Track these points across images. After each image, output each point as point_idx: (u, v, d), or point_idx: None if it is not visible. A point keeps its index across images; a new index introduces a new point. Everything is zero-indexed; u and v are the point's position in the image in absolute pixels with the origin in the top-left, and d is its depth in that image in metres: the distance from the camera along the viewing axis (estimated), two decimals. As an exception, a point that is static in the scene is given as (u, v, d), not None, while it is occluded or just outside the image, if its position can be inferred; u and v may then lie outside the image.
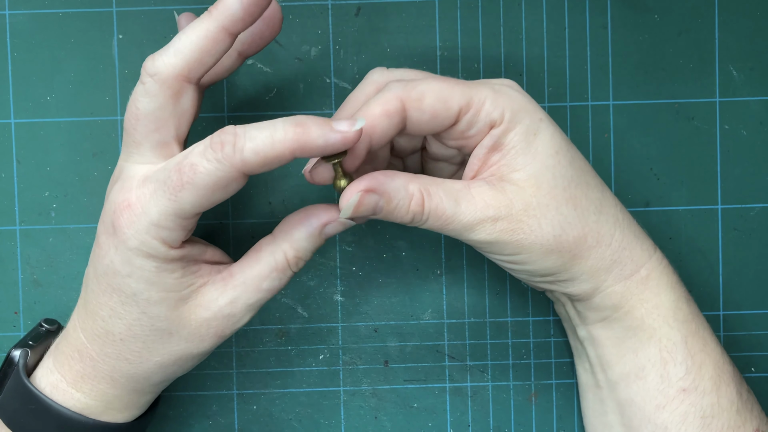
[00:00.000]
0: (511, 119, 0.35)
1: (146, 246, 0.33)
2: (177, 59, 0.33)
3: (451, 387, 0.44)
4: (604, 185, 0.37)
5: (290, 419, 0.44)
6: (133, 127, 0.34)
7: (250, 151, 0.32)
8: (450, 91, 0.34)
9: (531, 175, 0.35)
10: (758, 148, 0.44)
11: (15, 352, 0.37)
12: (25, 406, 0.36)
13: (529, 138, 0.35)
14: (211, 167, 0.32)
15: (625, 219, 0.37)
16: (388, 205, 0.34)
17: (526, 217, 0.35)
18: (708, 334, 0.37)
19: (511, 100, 0.35)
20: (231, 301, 0.35)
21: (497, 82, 0.36)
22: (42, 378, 0.37)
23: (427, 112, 0.34)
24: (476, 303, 0.44)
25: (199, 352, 0.36)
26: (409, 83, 0.35)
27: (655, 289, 0.37)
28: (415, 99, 0.34)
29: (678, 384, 0.36)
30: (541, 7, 0.43)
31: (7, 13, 0.42)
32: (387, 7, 0.43)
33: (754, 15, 0.43)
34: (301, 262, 0.36)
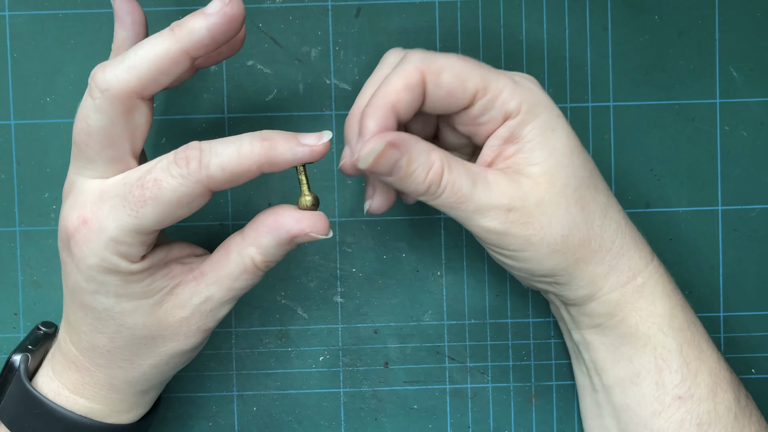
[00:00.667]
0: (529, 111, 0.34)
1: (106, 262, 0.32)
2: (130, 75, 0.31)
3: (451, 388, 0.44)
4: (609, 190, 0.37)
5: (290, 421, 0.44)
6: (84, 143, 0.32)
7: (216, 167, 0.31)
8: (469, 71, 0.34)
9: (547, 171, 0.34)
10: (758, 149, 0.44)
11: (15, 357, 0.37)
12: (29, 410, 0.36)
13: (547, 133, 0.35)
14: (176, 183, 0.31)
15: (627, 225, 0.37)
16: (408, 167, 0.33)
17: (538, 213, 0.34)
18: (705, 341, 0.37)
19: (531, 92, 0.35)
20: (205, 299, 0.35)
21: (518, 74, 0.36)
22: (44, 384, 0.37)
23: (444, 88, 0.34)
24: (476, 304, 0.44)
25: (189, 348, 0.36)
26: (429, 55, 0.34)
27: (650, 297, 0.37)
28: (434, 72, 0.34)
29: (673, 392, 0.36)
30: (541, 7, 0.43)
31: (6, 14, 0.42)
32: (387, 8, 0.43)
33: (754, 15, 0.43)
34: (270, 264, 0.35)
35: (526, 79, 0.35)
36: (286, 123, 0.43)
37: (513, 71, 0.36)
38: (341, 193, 0.43)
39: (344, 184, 0.43)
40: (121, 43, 0.36)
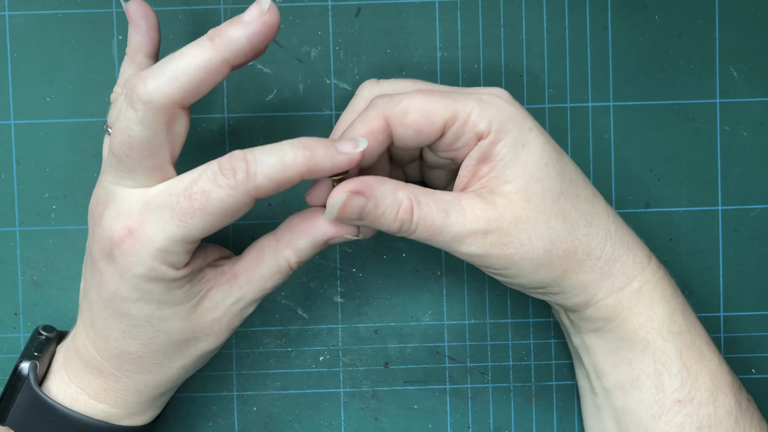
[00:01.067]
0: (499, 130, 0.34)
1: (153, 272, 0.33)
2: (173, 87, 0.32)
3: (451, 388, 0.44)
4: (595, 196, 0.37)
5: (290, 420, 0.44)
6: (125, 154, 0.32)
7: (262, 177, 0.31)
8: (434, 105, 0.34)
9: (520, 188, 0.34)
10: (758, 149, 0.44)
11: (23, 365, 0.37)
12: (43, 418, 0.36)
13: (518, 149, 0.34)
14: (224, 194, 0.31)
15: (618, 230, 0.36)
16: (376, 210, 0.34)
17: (516, 231, 0.34)
18: (705, 345, 0.37)
19: (499, 110, 0.34)
20: (237, 299, 0.36)
21: (486, 91, 0.36)
22: (59, 391, 0.37)
23: (411, 127, 0.34)
24: (476, 304, 0.44)
25: (216, 347, 0.37)
26: (393, 99, 0.34)
27: (648, 302, 0.36)
28: (399, 115, 0.34)
29: (673, 395, 0.36)
30: (541, 7, 0.43)
31: (6, 14, 0.42)
32: (387, 8, 0.43)
33: (754, 15, 0.43)
34: (302, 263, 0.36)
35: (494, 96, 0.35)
36: (286, 123, 0.43)
37: (480, 87, 0.36)
38: (341, 193, 0.43)
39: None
40: (137, 48, 0.37)
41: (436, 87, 0.36)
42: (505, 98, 0.35)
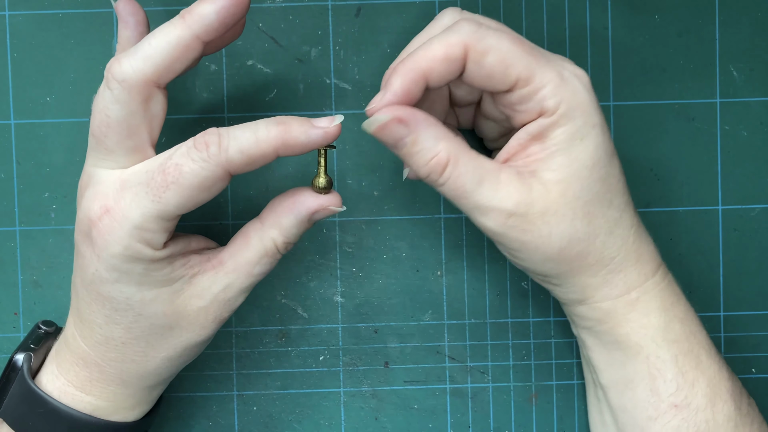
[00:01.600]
0: (564, 114, 0.33)
1: (130, 250, 0.33)
2: (146, 65, 0.32)
3: (451, 388, 0.44)
4: (628, 204, 0.36)
5: (290, 420, 0.44)
6: (103, 134, 0.33)
7: (235, 150, 0.32)
8: (516, 58, 0.33)
9: (561, 180, 0.34)
10: (759, 149, 0.44)
11: (18, 356, 0.37)
12: (33, 410, 0.36)
13: (575, 141, 0.34)
14: (197, 167, 0.32)
15: (636, 241, 0.36)
16: (412, 147, 0.33)
17: (540, 222, 0.34)
18: (704, 352, 0.37)
19: (573, 93, 0.33)
20: (225, 287, 0.35)
21: (570, 68, 0.34)
22: (48, 383, 0.37)
23: (485, 69, 0.33)
24: (476, 304, 0.44)
25: (203, 339, 0.36)
26: (480, 30, 0.33)
27: (644, 311, 0.36)
28: (479, 51, 0.33)
29: (669, 399, 0.36)
30: (541, 7, 0.43)
31: (6, 13, 0.42)
32: (387, 8, 0.43)
33: (754, 15, 0.43)
34: (289, 245, 0.36)
35: (575, 77, 0.34)
36: (286, 123, 0.43)
37: (567, 60, 0.35)
38: (341, 193, 0.43)
39: (344, 184, 0.43)
40: (125, 43, 0.37)
41: (524, 40, 0.34)
42: (584, 83, 0.34)
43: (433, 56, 0.33)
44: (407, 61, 0.33)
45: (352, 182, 0.43)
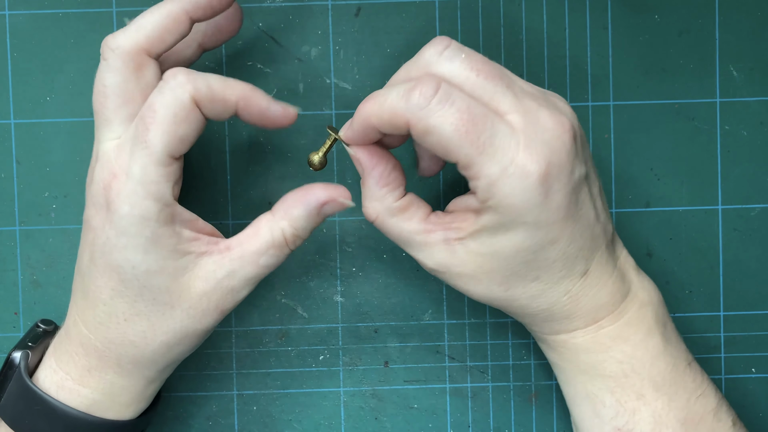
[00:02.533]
0: (493, 207, 0.33)
1: (138, 208, 0.33)
2: (138, 34, 0.35)
3: (451, 388, 0.44)
4: (564, 278, 0.35)
5: (290, 420, 0.44)
6: (101, 104, 0.35)
7: (203, 82, 0.33)
8: (455, 146, 0.32)
9: (482, 254, 0.34)
10: (759, 149, 0.44)
11: (15, 354, 0.37)
12: (30, 407, 0.36)
13: (500, 230, 0.33)
14: (166, 98, 0.33)
15: (570, 303, 0.36)
16: (363, 183, 0.37)
17: (459, 281, 0.36)
18: (650, 388, 0.36)
19: (508, 195, 0.32)
20: (229, 274, 0.36)
21: (523, 160, 0.32)
22: (46, 378, 0.37)
23: (426, 145, 0.33)
24: (476, 303, 0.44)
25: (203, 329, 0.36)
26: (427, 108, 0.32)
27: (573, 350, 0.37)
28: (420, 130, 0.32)
29: (611, 423, 0.36)
30: (541, 7, 0.43)
31: (6, 13, 0.43)
32: (387, 7, 0.43)
33: (754, 15, 0.43)
34: (299, 240, 0.36)
35: (519, 176, 0.32)
36: (286, 122, 0.43)
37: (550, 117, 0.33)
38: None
39: (344, 184, 0.43)
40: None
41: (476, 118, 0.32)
42: (529, 182, 0.32)
43: (380, 116, 0.33)
44: (363, 111, 0.34)
45: (352, 182, 0.43)
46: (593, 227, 0.35)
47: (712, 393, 0.37)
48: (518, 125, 0.32)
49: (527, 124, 0.32)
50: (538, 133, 0.32)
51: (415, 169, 0.40)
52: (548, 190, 0.32)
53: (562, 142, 0.33)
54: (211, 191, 0.43)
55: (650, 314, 0.37)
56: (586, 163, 0.34)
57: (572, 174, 0.33)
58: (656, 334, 0.36)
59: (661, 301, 0.37)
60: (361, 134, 0.35)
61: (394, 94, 0.33)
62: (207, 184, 0.43)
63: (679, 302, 0.44)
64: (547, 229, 0.33)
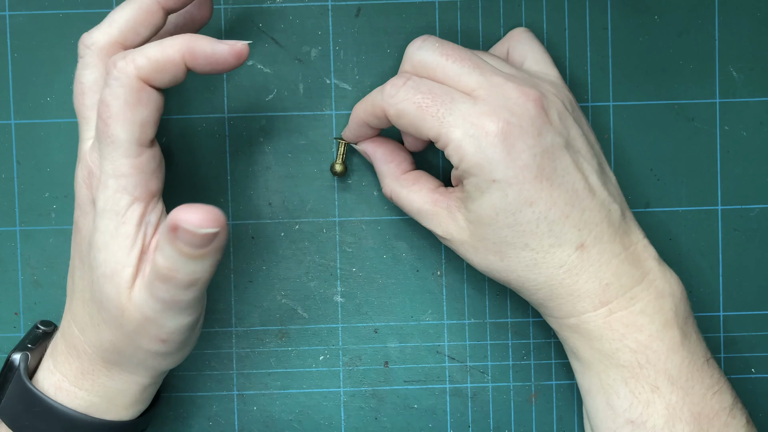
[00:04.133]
0: (465, 170, 0.36)
1: (111, 202, 0.33)
2: (112, 28, 0.35)
3: (451, 388, 0.44)
4: (553, 246, 0.36)
5: (290, 420, 0.44)
6: (80, 102, 0.35)
7: (141, 57, 0.33)
8: (421, 122, 0.36)
9: (472, 222, 0.37)
10: (758, 149, 0.44)
11: (15, 355, 0.37)
12: (29, 409, 0.36)
13: (477, 193, 0.36)
14: (114, 89, 0.32)
15: (568, 278, 0.36)
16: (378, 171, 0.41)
17: (462, 249, 0.38)
18: (665, 380, 0.36)
19: (474, 153, 0.35)
20: (148, 296, 0.34)
21: (482, 122, 0.35)
22: (44, 380, 0.37)
23: (403, 128, 0.37)
24: (476, 304, 0.44)
25: (157, 352, 0.35)
26: (395, 96, 0.36)
27: (587, 336, 0.37)
28: (392, 116, 0.37)
29: (624, 415, 0.36)
30: (541, 7, 0.43)
31: (7, 14, 0.43)
32: (387, 8, 0.43)
33: (754, 16, 0.43)
34: (174, 273, 0.32)
35: (481, 135, 0.35)
36: (286, 123, 0.43)
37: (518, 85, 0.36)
38: (341, 193, 0.43)
39: (344, 184, 0.43)
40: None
41: (436, 93, 0.36)
42: (490, 139, 0.35)
43: (366, 111, 0.38)
44: (355, 109, 0.40)
45: (352, 182, 0.43)
46: (583, 199, 0.36)
47: (728, 391, 0.37)
48: (481, 97, 0.35)
49: (490, 95, 0.35)
50: (500, 100, 0.35)
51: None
52: (510, 148, 0.35)
53: (525, 108, 0.35)
54: (211, 191, 0.43)
55: (669, 306, 0.37)
56: (566, 135, 0.36)
57: (539, 137, 0.35)
58: (674, 327, 0.36)
59: (684, 295, 0.38)
60: (356, 130, 0.40)
61: (375, 91, 0.38)
62: (207, 184, 0.43)
63: (679, 302, 0.44)
64: (519, 187, 0.35)
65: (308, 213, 0.43)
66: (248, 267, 0.43)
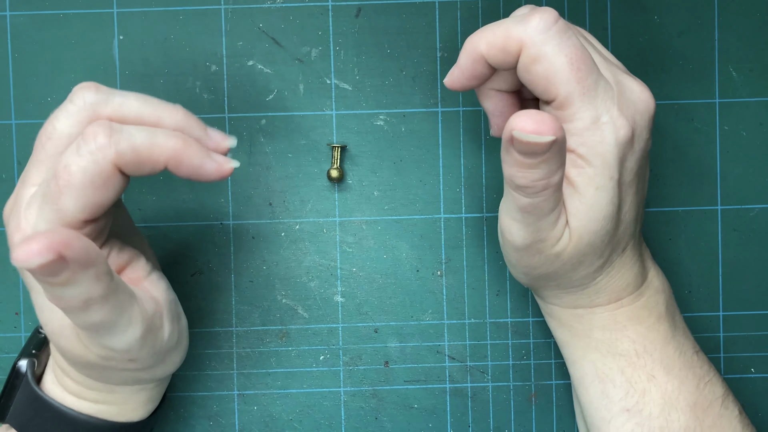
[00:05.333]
0: (583, 157, 0.32)
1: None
2: (122, 108, 0.32)
3: (451, 388, 0.44)
4: (612, 253, 0.35)
5: (291, 420, 0.44)
6: (42, 144, 0.32)
7: (126, 145, 0.30)
8: (561, 79, 0.32)
9: (576, 230, 0.33)
10: (758, 149, 0.44)
11: (21, 362, 0.37)
12: (39, 414, 0.36)
13: (590, 188, 0.33)
14: (85, 162, 0.29)
15: (602, 281, 0.36)
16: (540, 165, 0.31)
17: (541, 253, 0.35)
18: (661, 370, 0.36)
19: (599, 143, 0.32)
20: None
21: (615, 115, 0.32)
22: (53, 386, 0.37)
23: (530, 75, 0.32)
24: (476, 304, 0.44)
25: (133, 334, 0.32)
26: (547, 33, 0.31)
27: (588, 325, 0.37)
28: (531, 56, 0.32)
29: (620, 404, 0.36)
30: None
31: (8, 14, 0.43)
32: (387, 8, 0.43)
33: (754, 16, 0.43)
34: (60, 297, 0.28)
35: (611, 127, 0.32)
36: (286, 123, 0.43)
37: (636, 85, 0.34)
38: (341, 193, 0.43)
39: (344, 184, 0.43)
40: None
41: (589, 63, 0.32)
42: (619, 136, 0.32)
43: (493, 43, 0.32)
44: (471, 39, 0.33)
45: (352, 182, 0.43)
46: (640, 205, 0.35)
47: (719, 382, 0.37)
48: (611, 81, 0.33)
49: (617, 83, 0.33)
50: (627, 92, 0.33)
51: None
52: (628, 151, 0.33)
53: (647, 105, 0.33)
54: (211, 191, 0.43)
55: (662, 301, 0.37)
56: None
57: (647, 141, 0.34)
58: (666, 320, 0.37)
59: (671, 292, 0.38)
60: (469, 69, 0.34)
61: (510, 20, 0.32)
62: (207, 184, 0.43)
63: (678, 302, 0.43)
64: (618, 189, 0.33)
65: (308, 213, 0.43)
66: (248, 267, 0.43)
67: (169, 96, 0.43)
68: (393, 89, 0.43)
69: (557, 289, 0.37)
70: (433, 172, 0.43)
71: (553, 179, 0.31)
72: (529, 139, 0.29)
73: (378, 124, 0.43)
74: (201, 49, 0.43)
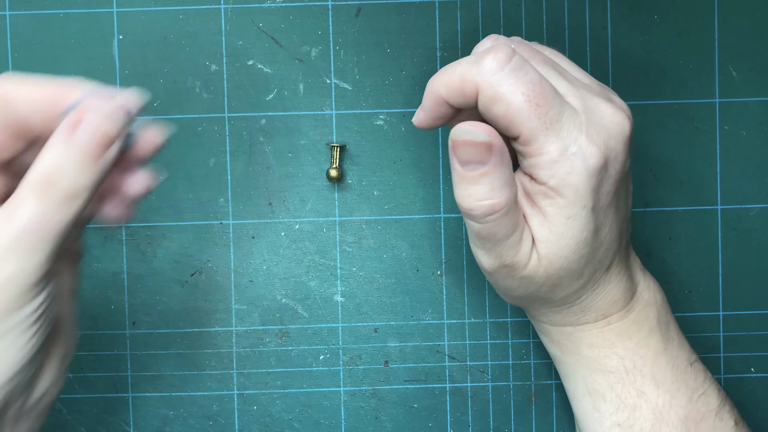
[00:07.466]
0: (554, 189, 0.32)
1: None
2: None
3: (451, 387, 0.44)
4: (595, 272, 0.35)
5: (291, 419, 0.44)
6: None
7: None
8: (522, 117, 0.31)
9: (546, 256, 0.33)
10: (758, 149, 0.44)
11: None
12: None
13: (561, 218, 0.32)
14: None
15: (587, 299, 0.36)
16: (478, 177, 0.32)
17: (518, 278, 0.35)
18: (651, 385, 0.36)
19: (569, 173, 0.31)
20: None
21: (584, 144, 0.31)
22: None
23: (491, 115, 0.32)
24: (476, 303, 0.44)
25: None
26: (499, 74, 0.31)
27: (576, 342, 0.37)
28: (488, 97, 0.31)
29: (611, 418, 0.36)
30: (541, 7, 0.43)
31: (7, 13, 0.43)
32: (387, 8, 0.43)
33: (754, 15, 0.43)
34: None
35: (580, 157, 0.31)
36: (285, 122, 0.43)
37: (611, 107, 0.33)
38: (341, 193, 0.43)
39: (344, 184, 0.43)
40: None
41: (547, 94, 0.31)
42: (589, 165, 0.31)
43: (450, 86, 0.32)
44: (432, 82, 0.33)
45: (352, 182, 0.43)
46: (622, 222, 0.35)
47: (714, 393, 0.37)
48: (579, 108, 0.32)
49: (586, 109, 0.32)
50: (596, 117, 0.32)
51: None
52: (602, 177, 0.32)
53: (621, 128, 0.32)
54: (211, 191, 0.43)
55: (653, 314, 0.37)
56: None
57: (624, 163, 0.33)
58: (657, 333, 0.37)
59: (664, 301, 0.38)
60: (433, 111, 0.33)
61: (465, 62, 0.32)
62: (207, 184, 0.43)
63: (678, 302, 0.44)
64: (597, 214, 0.33)
65: (308, 213, 0.43)
66: (248, 267, 0.43)
67: (169, 96, 0.43)
68: (393, 89, 0.43)
69: (543, 308, 0.37)
70: (433, 172, 0.43)
71: (497, 201, 0.31)
72: (465, 138, 0.31)
73: (378, 123, 0.43)
74: (201, 48, 0.43)
